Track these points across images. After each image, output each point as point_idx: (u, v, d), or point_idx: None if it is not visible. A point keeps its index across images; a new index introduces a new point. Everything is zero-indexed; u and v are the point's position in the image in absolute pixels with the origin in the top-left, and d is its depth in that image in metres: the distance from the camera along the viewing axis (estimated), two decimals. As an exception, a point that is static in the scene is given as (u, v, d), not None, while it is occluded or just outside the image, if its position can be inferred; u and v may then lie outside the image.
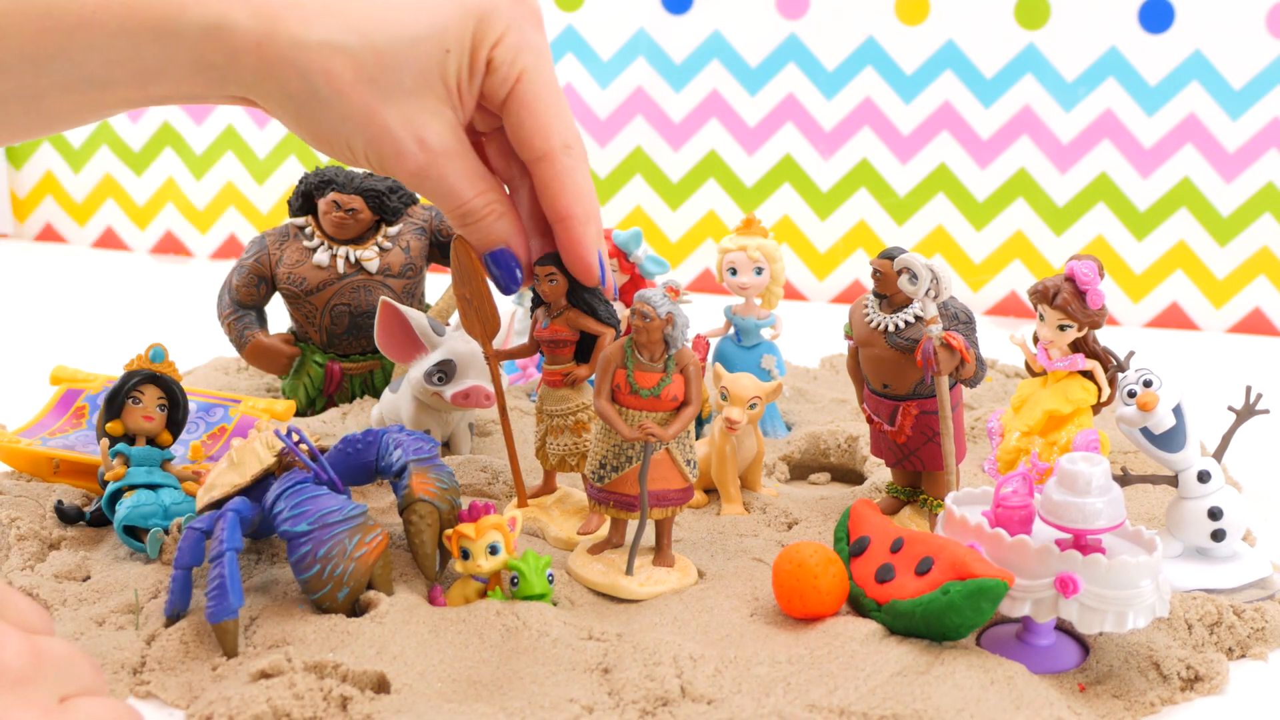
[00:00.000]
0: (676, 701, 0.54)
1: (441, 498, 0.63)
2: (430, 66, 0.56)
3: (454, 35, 0.56)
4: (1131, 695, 0.58)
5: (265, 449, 0.63)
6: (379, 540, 0.60)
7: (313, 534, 0.58)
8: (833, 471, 0.91)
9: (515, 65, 0.58)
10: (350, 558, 0.59)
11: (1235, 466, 0.89)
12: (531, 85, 0.59)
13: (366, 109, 0.55)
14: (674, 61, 1.49)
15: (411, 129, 0.57)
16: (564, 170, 0.60)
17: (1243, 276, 1.38)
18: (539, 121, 0.59)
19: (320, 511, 0.59)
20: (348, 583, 0.59)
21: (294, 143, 1.63)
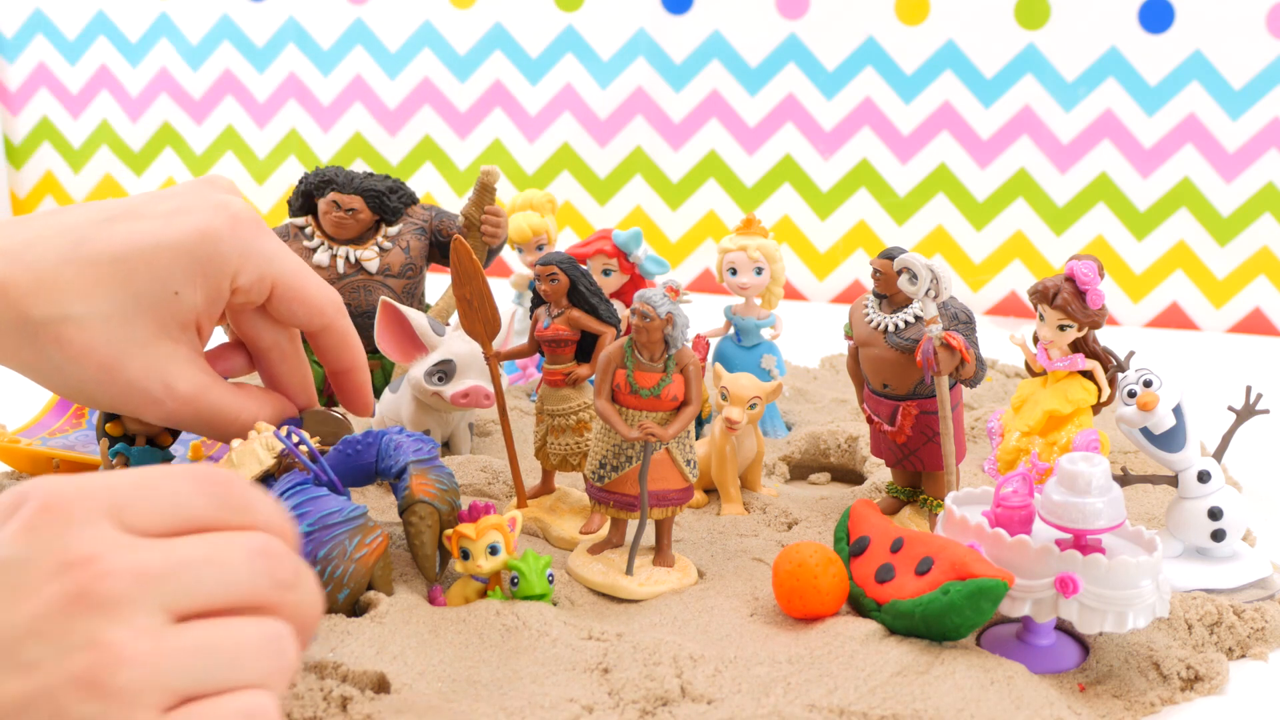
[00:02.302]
0: (676, 701, 0.54)
1: (441, 499, 0.63)
2: (163, 314, 0.58)
3: (181, 277, 0.58)
4: (1131, 695, 0.58)
5: (265, 450, 0.63)
6: (379, 541, 0.60)
7: (313, 535, 0.58)
8: (833, 471, 0.91)
9: (265, 281, 0.61)
10: (350, 559, 0.59)
11: (1235, 466, 0.89)
12: (290, 283, 0.62)
13: (105, 370, 0.57)
14: (674, 61, 1.49)
15: (157, 378, 0.59)
16: (345, 330, 0.65)
17: (1243, 276, 1.38)
18: (311, 305, 0.63)
19: (321, 513, 0.59)
20: (348, 584, 0.59)
21: (294, 143, 1.63)
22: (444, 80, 1.56)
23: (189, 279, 0.58)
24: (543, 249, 1.04)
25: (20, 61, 1.71)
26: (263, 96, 1.63)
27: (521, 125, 1.56)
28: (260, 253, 0.60)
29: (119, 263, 0.57)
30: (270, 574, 0.43)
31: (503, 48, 1.54)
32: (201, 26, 1.63)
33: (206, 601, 0.41)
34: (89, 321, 0.56)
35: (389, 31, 1.56)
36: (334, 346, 0.65)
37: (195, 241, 0.58)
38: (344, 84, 1.60)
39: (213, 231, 0.59)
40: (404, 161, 1.60)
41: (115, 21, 1.66)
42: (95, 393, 0.59)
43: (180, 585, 0.41)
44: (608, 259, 0.97)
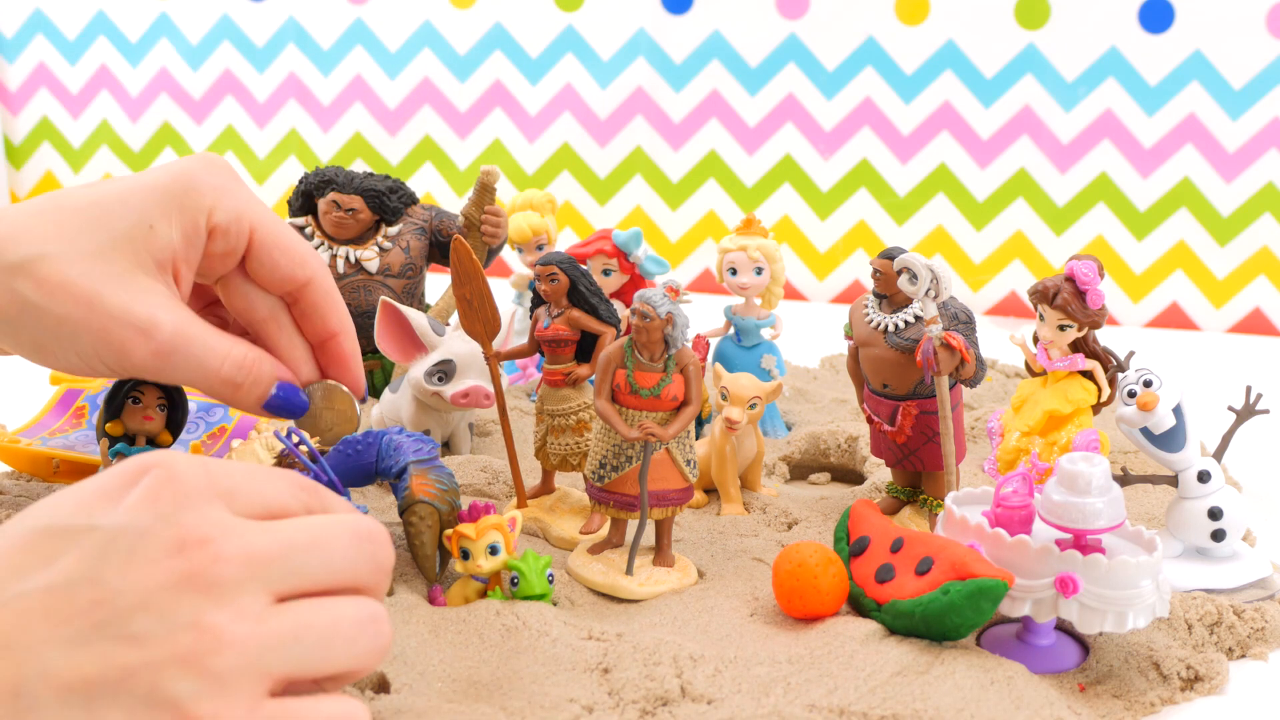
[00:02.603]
0: (676, 701, 0.54)
1: (441, 499, 0.63)
2: (139, 250, 0.56)
3: (156, 210, 0.56)
4: (1131, 695, 0.58)
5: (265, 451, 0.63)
6: None
7: None
8: (833, 471, 0.91)
9: (244, 222, 0.59)
10: None
11: (1235, 466, 0.89)
12: (270, 231, 0.60)
13: (84, 305, 0.54)
14: (674, 61, 1.49)
15: (138, 313, 0.55)
16: (330, 289, 0.62)
17: (1243, 276, 1.38)
18: (293, 256, 0.61)
19: None
20: None
21: (294, 142, 1.63)
22: (444, 80, 1.56)
23: (164, 214, 0.57)
24: (543, 249, 1.04)
25: (20, 61, 1.71)
26: (263, 96, 1.63)
27: (521, 125, 1.56)
28: (236, 194, 0.59)
29: (94, 206, 0.56)
30: (372, 557, 0.45)
31: (503, 48, 1.54)
32: (201, 26, 1.63)
33: (311, 584, 0.43)
34: (65, 257, 0.54)
35: (389, 31, 1.57)
36: (319, 305, 0.62)
37: (170, 179, 0.57)
38: (344, 84, 1.60)
39: (187, 170, 0.58)
40: (404, 161, 1.61)
41: (115, 21, 1.66)
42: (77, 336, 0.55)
43: (287, 568, 0.42)
44: (608, 259, 0.97)
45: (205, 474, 0.43)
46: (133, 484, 0.43)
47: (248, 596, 0.41)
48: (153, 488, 0.42)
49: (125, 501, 0.42)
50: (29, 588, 0.40)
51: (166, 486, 0.42)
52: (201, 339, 0.57)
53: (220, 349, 0.58)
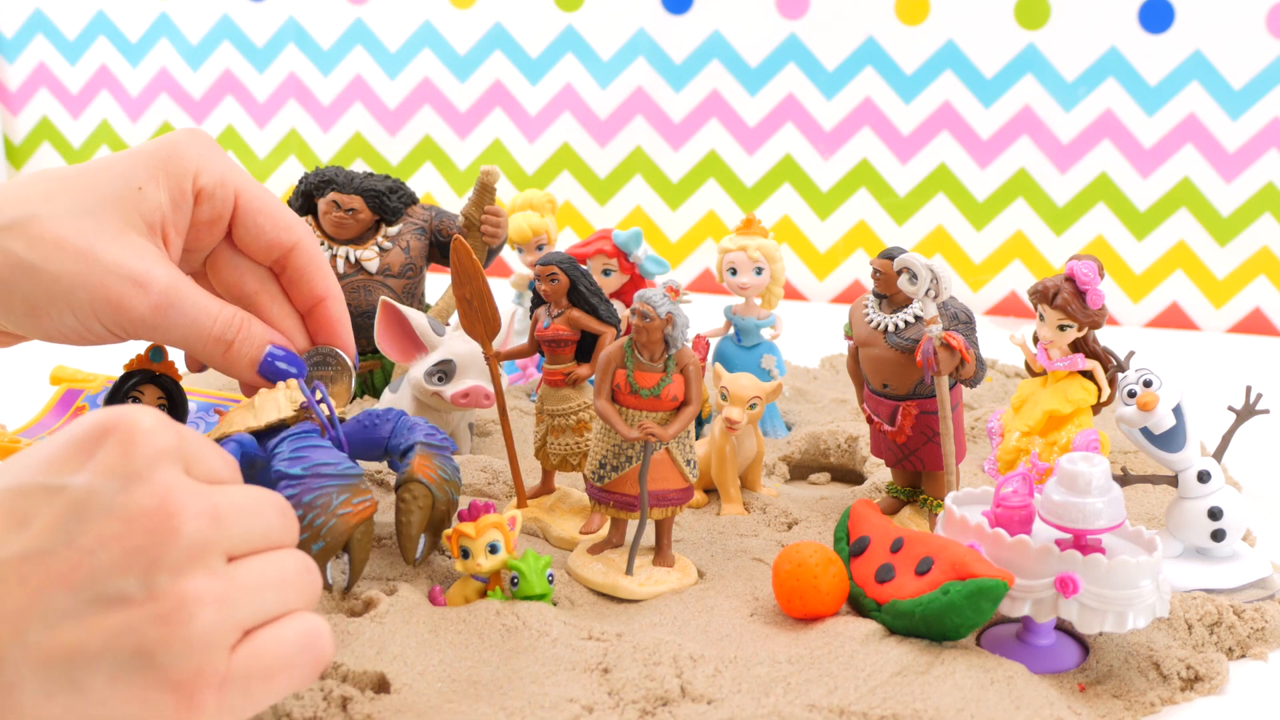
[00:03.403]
0: (676, 701, 0.54)
1: (440, 486, 0.63)
2: (129, 210, 0.56)
3: (143, 173, 0.57)
4: (1131, 695, 0.58)
5: (287, 401, 0.61)
6: (366, 505, 0.59)
7: (303, 480, 0.57)
8: (833, 471, 0.91)
9: (228, 187, 0.60)
10: (334, 513, 0.57)
11: (1235, 466, 0.89)
12: (255, 193, 0.61)
13: (80, 260, 0.55)
14: (674, 61, 1.49)
15: (133, 269, 0.56)
16: (316, 253, 0.63)
17: (1243, 276, 1.38)
18: (278, 220, 0.61)
19: (316, 460, 0.58)
20: (324, 536, 0.57)
21: (294, 142, 1.63)
22: (444, 80, 1.56)
23: (151, 177, 0.57)
24: (543, 249, 1.04)
25: (20, 61, 1.71)
26: (263, 96, 1.63)
27: (521, 125, 1.56)
28: (219, 160, 0.60)
29: (81, 174, 0.57)
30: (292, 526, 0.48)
31: (503, 48, 1.54)
32: (201, 26, 1.63)
33: (256, 544, 0.45)
34: (56, 216, 0.55)
35: (389, 31, 1.57)
36: (305, 270, 0.62)
37: (155, 147, 0.58)
38: (344, 84, 1.60)
39: (171, 140, 0.59)
40: (404, 161, 1.61)
41: (115, 21, 1.66)
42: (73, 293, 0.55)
43: (240, 530, 0.44)
44: (608, 259, 0.97)
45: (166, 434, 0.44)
46: (97, 444, 0.43)
47: (213, 557, 0.43)
48: (116, 449, 0.42)
49: (90, 462, 0.42)
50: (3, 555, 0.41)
51: (130, 447, 0.43)
52: (193, 297, 0.57)
53: (211, 307, 0.58)
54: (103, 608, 0.41)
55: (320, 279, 0.63)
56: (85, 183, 0.56)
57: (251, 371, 0.60)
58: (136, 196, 0.57)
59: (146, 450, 0.43)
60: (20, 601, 0.40)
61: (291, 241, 0.62)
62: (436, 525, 0.64)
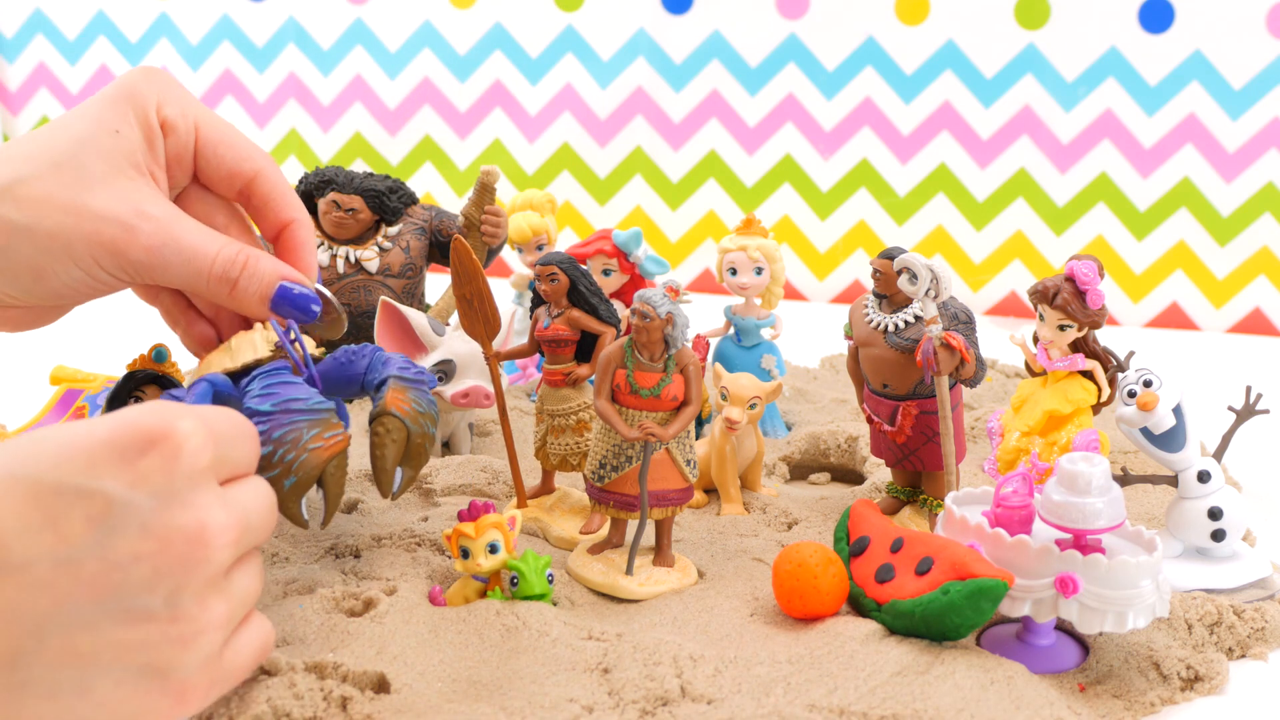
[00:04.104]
0: (676, 701, 0.54)
1: (415, 419, 0.61)
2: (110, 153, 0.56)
3: (115, 118, 0.57)
4: (1131, 695, 0.58)
5: (263, 341, 0.60)
6: (338, 440, 0.57)
7: (273, 416, 0.56)
8: (833, 471, 0.91)
9: (189, 116, 0.60)
10: (304, 448, 0.56)
11: (1235, 466, 0.89)
12: (214, 124, 0.61)
13: (71, 213, 0.55)
14: (674, 61, 1.49)
15: (124, 209, 0.55)
16: (280, 179, 0.63)
17: (1243, 276, 1.38)
18: (239, 147, 0.61)
19: (286, 396, 0.57)
20: (295, 472, 0.56)
21: (294, 142, 1.63)
22: (444, 80, 1.56)
23: (122, 117, 0.57)
24: (543, 249, 1.04)
25: (20, 61, 1.71)
26: (263, 96, 1.63)
27: (521, 125, 1.56)
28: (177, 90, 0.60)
29: (52, 130, 0.57)
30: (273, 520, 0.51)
31: (503, 48, 1.54)
32: (201, 26, 1.63)
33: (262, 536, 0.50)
34: (40, 175, 0.55)
35: (389, 31, 1.57)
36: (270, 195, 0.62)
37: (113, 89, 0.58)
38: (344, 84, 1.60)
39: (127, 79, 0.59)
40: (404, 161, 1.61)
41: (115, 21, 1.66)
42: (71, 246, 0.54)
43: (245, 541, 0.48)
44: (608, 259, 0.97)
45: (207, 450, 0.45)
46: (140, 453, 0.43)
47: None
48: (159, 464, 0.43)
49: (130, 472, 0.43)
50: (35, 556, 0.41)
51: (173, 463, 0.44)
52: (190, 234, 0.57)
53: (211, 244, 0.58)
54: (124, 621, 0.42)
55: (285, 204, 0.63)
56: (62, 136, 0.56)
57: (263, 307, 0.60)
58: (115, 139, 0.57)
59: (188, 468, 0.44)
60: (46, 606, 0.41)
61: (253, 170, 0.62)
62: (413, 458, 0.61)
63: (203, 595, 0.44)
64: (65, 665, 0.41)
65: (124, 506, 0.42)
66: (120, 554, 0.42)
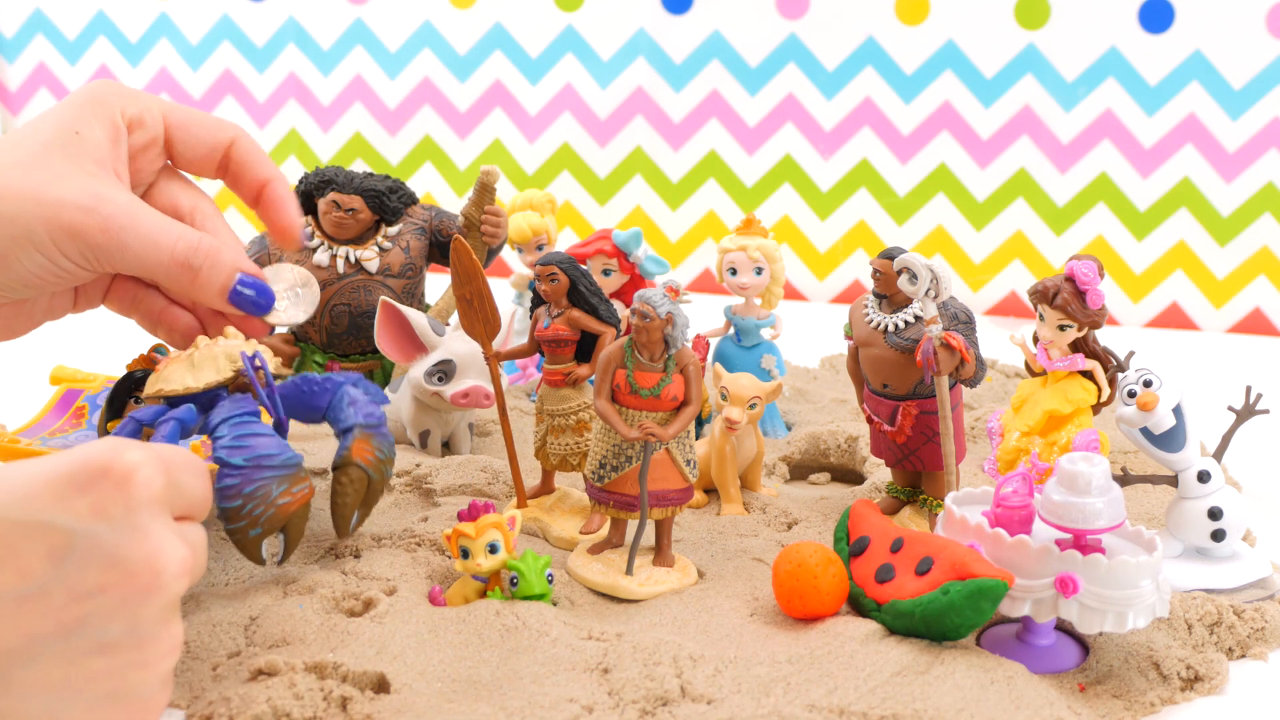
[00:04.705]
0: (676, 701, 0.54)
1: (376, 468, 0.64)
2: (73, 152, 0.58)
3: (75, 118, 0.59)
4: (1131, 695, 0.58)
5: (227, 362, 0.63)
6: (304, 493, 0.60)
7: (244, 471, 0.58)
8: (833, 471, 0.91)
9: (154, 112, 0.62)
10: (272, 504, 0.59)
11: (1235, 466, 0.89)
12: (182, 111, 0.63)
13: (30, 199, 0.56)
14: (674, 61, 1.49)
15: (83, 194, 0.57)
16: (253, 143, 0.65)
17: (1243, 276, 1.38)
18: (210, 124, 0.64)
19: (258, 452, 0.59)
20: (261, 524, 0.59)
21: (294, 142, 1.63)
22: (444, 80, 1.56)
23: (83, 119, 0.59)
24: (543, 249, 1.04)
25: (20, 61, 1.71)
26: (263, 96, 1.63)
27: (521, 125, 1.56)
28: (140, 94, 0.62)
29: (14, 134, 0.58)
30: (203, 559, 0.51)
31: (503, 48, 1.54)
32: (201, 26, 1.63)
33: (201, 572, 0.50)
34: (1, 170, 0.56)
35: (389, 31, 1.56)
36: (247, 158, 0.64)
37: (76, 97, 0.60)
38: (344, 84, 1.60)
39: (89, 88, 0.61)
40: (404, 161, 1.61)
41: (115, 21, 1.66)
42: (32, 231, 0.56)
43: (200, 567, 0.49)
44: (608, 259, 0.97)
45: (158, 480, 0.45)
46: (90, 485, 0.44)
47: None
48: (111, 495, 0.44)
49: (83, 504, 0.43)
50: None
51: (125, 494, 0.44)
52: (150, 219, 0.58)
53: (171, 230, 0.59)
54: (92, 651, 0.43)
55: (263, 164, 0.65)
56: (23, 136, 0.58)
57: (222, 299, 0.61)
58: (77, 140, 0.58)
59: (141, 497, 0.44)
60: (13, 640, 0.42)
61: (229, 137, 0.64)
62: (369, 501, 0.65)
63: (162, 620, 0.45)
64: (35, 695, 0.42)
65: (85, 538, 0.43)
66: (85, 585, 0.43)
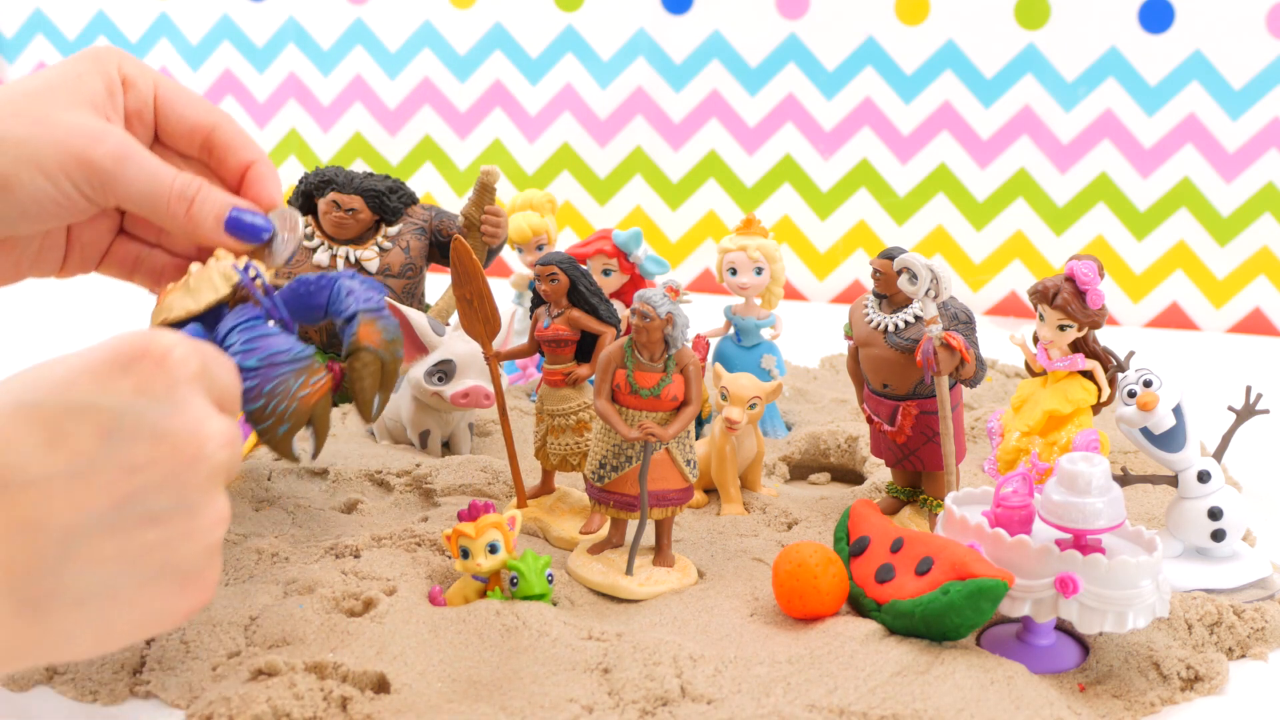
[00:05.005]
0: (676, 701, 0.54)
1: (386, 348, 0.65)
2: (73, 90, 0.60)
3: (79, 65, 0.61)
4: (1131, 695, 0.58)
5: (222, 279, 0.64)
6: (322, 383, 0.61)
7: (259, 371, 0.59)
8: (833, 471, 0.91)
9: (148, 77, 0.64)
10: (294, 397, 0.60)
11: (1235, 466, 0.89)
12: (171, 85, 0.65)
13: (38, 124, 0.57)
14: (674, 61, 1.49)
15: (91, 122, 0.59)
16: (238, 128, 0.66)
17: (1243, 276, 1.38)
18: (197, 104, 0.65)
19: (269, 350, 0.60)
20: (288, 419, 0.60)
21: (294, 142, 1.63)
22: (444, 80, 1.56)
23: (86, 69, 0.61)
24: (543, 249, 1.04)
25: (20, 61, 1.71)
26: (263, 96, 1.63)
27: (521, 125, 1.56)
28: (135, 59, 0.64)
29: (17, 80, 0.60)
30: None
31: (503, 48, 1.54)
32: (201, 26, 1.63)
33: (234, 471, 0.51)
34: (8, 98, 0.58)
35: (389, 31, 1.56)
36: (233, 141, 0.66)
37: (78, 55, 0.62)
38: (344, 84, 1.59)
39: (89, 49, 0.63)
40: (404, 161, 1.60)
41: (115, 21, 1.66)
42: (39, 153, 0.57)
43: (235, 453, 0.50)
44: (608, 259, 0.97)
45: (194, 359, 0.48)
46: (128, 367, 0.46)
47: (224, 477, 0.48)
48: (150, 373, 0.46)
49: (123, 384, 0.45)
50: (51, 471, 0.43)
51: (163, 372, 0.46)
52: (152, 156, 0.60)
53: (168, 166, 0.61)
54: (143, 523, 0.45)
55: (248, 145, 0.66)
56: (28, 78, 0.60)
57: (218, 227, 0.63)
58: (78, 82, 0.60)
59: (181, 374, 0.46)
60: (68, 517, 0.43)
61: (212, 122, 0.65)
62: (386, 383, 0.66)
63: (208, 491, 0.46)
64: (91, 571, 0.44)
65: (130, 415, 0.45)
66: (133, 459, 0.44)
